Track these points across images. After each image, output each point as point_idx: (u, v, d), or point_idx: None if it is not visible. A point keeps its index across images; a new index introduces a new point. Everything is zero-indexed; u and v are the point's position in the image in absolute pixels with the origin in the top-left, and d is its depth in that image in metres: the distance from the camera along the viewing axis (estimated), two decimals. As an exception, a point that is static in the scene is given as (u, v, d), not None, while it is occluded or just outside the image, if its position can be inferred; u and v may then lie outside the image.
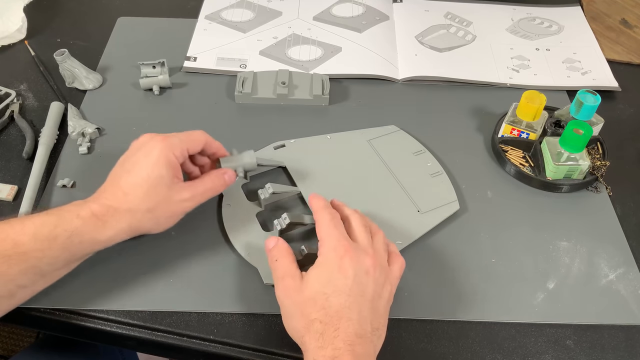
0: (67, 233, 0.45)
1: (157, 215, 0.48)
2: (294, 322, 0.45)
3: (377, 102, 0.71)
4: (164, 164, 0.48)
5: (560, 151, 0.59)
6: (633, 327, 0.52)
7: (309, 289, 0.44)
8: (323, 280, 0.44)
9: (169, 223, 0.51)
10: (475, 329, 0.51)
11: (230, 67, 0.74)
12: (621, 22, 0.86)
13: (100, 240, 0.46)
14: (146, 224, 0.48)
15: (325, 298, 0.43)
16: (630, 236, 0.58)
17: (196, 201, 0.51)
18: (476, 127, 0.69)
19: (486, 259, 0.55)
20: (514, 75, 0.75)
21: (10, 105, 0.68)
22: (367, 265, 0.45)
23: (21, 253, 0.43)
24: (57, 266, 0.46)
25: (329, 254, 0.45)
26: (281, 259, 0.47)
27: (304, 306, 0.44)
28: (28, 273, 0.44)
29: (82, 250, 0.46)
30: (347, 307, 0.43)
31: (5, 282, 0.43)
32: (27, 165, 0.61)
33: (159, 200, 0.48)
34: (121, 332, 0.50)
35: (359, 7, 0.85)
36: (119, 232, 0.47)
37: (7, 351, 1.08)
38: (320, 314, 0.43)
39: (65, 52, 0.68)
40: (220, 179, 0.53)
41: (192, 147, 0.51)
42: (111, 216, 0.46)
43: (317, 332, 0.42)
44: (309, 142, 0.64)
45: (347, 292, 0.43)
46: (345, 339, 0.41)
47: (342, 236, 0.46)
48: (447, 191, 0.60)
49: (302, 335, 0.43)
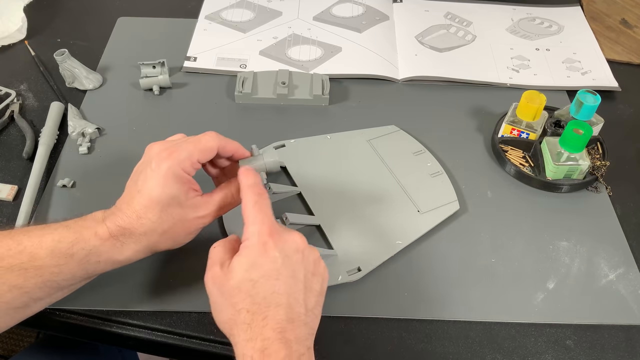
0: (85, 252, 0.44)
1: (172, 235, 0.46)
2: (222, 314, 0.42)
3: (377, 102, 0.71)
4: (174, 182, 0.45)
5: (560, 151, 0.59)
6: (633, 327, 0.52)
7: (234, 277, 0.41)
8: (247, 265, 0.41)
9: (187, 239, 0.48)
10: (475, 329, 0.51)
11: (230, 67, 0.74)
12: (621, 22, 0.86)
13: (118, 260, 0.45)
14: (164, 244, 0.47)
15: (251, 285, 0.40)
16: (630, 236, 0.58)
17: (213, 216, 0.48)
18: (476, 127, 0.69)
19: (486, 259, 0.55)
20: (514, 75, 0.75)
21: (10, 105, 0.68)
22: (297, 242, 0.43)
23: (37, 267, 0.42)
24: (74, 282, 0.45)
25: (253, 238, 0.42)
26: (219, 246, 0.44)
27: (230, 295, 0.41)
28: (44, 287, 0.43)
29: (99, 269, 0.45)
30: (275, 291, 0.40)
31: (21, 295, 0.43)
32: (27, 165, 0.61)
33: (175, 221, 0.46)
34: (121, 332, 0.50)
35: (359, 7, 0.85)
36: (136, 253, 0.46)
37: (7, 351, 1.08)
38: (246, 303, 0.40)
39: (65, 52, 0.68)
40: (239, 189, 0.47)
41: (203, 157, 0.47)
42: (128, 238, 0.45)
43: (245, 323, 0.40)
44: (309, 142, 0.64)
45: (276, 275, 0.41)
46: (274, 327, 0.39)
47: (267, 218, 0.43)
48: (447, 191, 0.60)
49: (231, 328, 0.41)
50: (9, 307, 0.43)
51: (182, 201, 0.45)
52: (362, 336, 0.50)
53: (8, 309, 0.43)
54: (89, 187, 0.59)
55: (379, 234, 0.56)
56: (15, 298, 0.42)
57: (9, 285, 0.42)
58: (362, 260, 0.53)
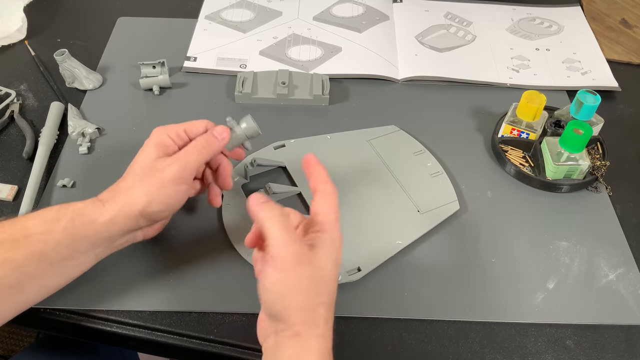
0: (70, 214, 0.45)
1: (150, 189, 0.47)
2: (297, 298, 0.39)
3: (377, 102, 0.71)
4: (153, 145, 0.49)
5: (560, 151, 0.59)
6: (633, 327, 0.52)
7: (322, 265, 0.40)
8: (334, 261, 0.41)
9: (163, 198, 0.48)
10: (475, 329, 0.51)
11: (230, 67, 0.74)
12: (621, 22, 0.86)
13: (101, 221, 0.46)
14: (141, 199, 0.47)
15: (334, 282, 0.41)
16: (630, 236, 0.58)
17: (183, 162, 0.48)
18: (476, 127, 0.69)
19: (486, 259, 0.55)
20: (514, 75, 0.75)
21: (10, 105, 0.68)
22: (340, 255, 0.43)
23: (27, 236, 0.44)
24: (62, 253, 0.45)
25: (334, 231, 0.42)
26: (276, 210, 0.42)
27: (314, 284, 0.39)
28: (33, 259, 0.44)
29: (83, 233, 0.46)
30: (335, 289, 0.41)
31: (12, 269, 0.43)
32: (27, 165, 0.61)
33: (148, 173, 0.48)
34: (121, 332, 0.50)
35: (359, 7, 0.85)
36: (118, 213, 0.46)
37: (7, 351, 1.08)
38: (327, 299, 0.40)
39: (65, 52, 0.68)
40: (209, 135, 0.50)
41: (190, 129, 0.51)
42: (110, 197, 0.47)
43: (322, 318, 0.39)
44: (309, 142, 0.64)
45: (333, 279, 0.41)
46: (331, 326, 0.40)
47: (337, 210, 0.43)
48: (447, 191, 0.60)
49: (303, 316, 0.39)
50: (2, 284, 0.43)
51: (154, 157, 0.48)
52: (362, 336, 0.50)
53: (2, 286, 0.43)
54: (89, 187, 0.59)
55: (379, 234, 0.56)
56: (7, 273, 0.43)
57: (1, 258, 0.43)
58: (362, 260, 0.53)
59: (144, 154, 0.49)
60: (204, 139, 0.50)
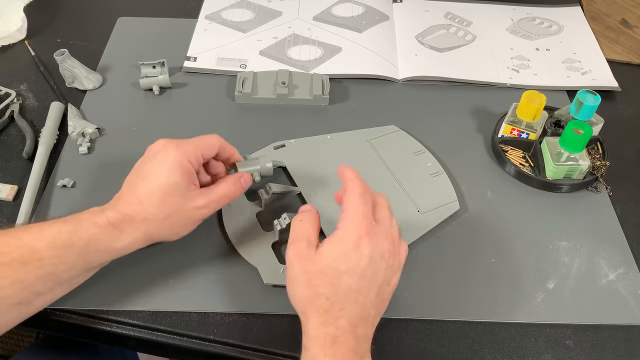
0: (84, 241, 0.44)
1: (172, 223, 0.48)
2: (298, 289, 0.43)
3: (377, 102, 0.71)
4: (179, 171, 0.47)
5: (560, 151, 0.59)
6: (633, 327, 0.52)
7: (322, 261, 0.42)
8: (338, 255, 0.42)
9: (185, 231, 0.50)
10: (475, 329, 0.51)
11: (230, 67, 0.74)
12: (621, 22, 0.86)
13: (117, 248, 0.46)
14: (162, 232, 0.48)
15: (336, 275, 0.42)
16: (630, 236, 0.58)
17: (212, 208, 0.49)
18: (476, 127, 0.69)
19: (486, 259, 0.55)
20: (514, 75, 0.75)
21: (10, 105, 0.68)
22: (384, 249, 0.43)
23: (37, 259, 0.43)
24: (74, 274, 0.46)
25: (350, 228, 0.43)
26: (306, 222, 0.46)
27: (313, 277, 0.42)
28: (45, 280, 0.44)
29: (98, 258, 0.46)
30: (356, 289, 0.42)
31: (22, 289, 0.43)
32: (27, 165, 0.61)
33: (175, 209, 0.47)
34: (121, 332, 0.50)
35: (359, 7, 0.85)
36: (135, 241, 0.47)
37: (7, 351, 1.09)
38: (328, 290, 0.42)
39: (65, 52, 0.68)
40: (236, 183, 0.51)
41: (207, 152, 0.50)
42: (127, 224, 0.46)
43: (322, 308, 0.41)
44: (309, 142, 0.64)
45: (360, 273, 0.42)
46: (349, 320, 0.41)
47: (368, 213, 0.44)
48: (447, 191, 0.60)
49: (305, 306, 0.42)
50: (11, 302, 0.43)
51: (183, 190, 0.47)
52: (362, 336, 0.50)
53: (10, 305, 0.43)
54: (89, 187, 0.59)
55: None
56: (17, 293, 0.43)
57: (10, 279, 0.42)
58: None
59: (168, 177, 0.47)
60: (233, 187, 0.51)
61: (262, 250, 0.54)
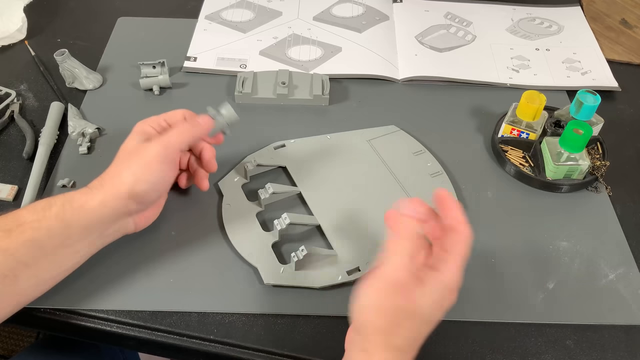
0: (60, 201, 0.47)
1: (134, 169, 0.49)
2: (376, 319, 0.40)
3: (377, 102, 0.71)
4: (135, 133, 0.52)
5: (560, 151, 0.59)
6: (633, 327, 0.52)
7: (423, 307, 0.40)
8: (437, 304, 0.40)
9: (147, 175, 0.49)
10: (475, 329, 0.51)
11: (230, 67, 0.74)
12: (621, 22, 0.86)
13: (91, 205, 0.47)
14: (127, 179, 0.48)
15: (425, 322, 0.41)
16: (630, 236, 0.58)
17: (165, 142, 0.50)
18: (476, 127, 0.69)
19: (486, 259, 0.55)
20: (514, 75, 0.75)
21: (11, 105, 0.68)
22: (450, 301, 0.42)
23: (19, 225, 0.45)
24: (55, 241, 0.46)
25: (450, 274, 0.40)
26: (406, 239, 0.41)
27: (401, 316, 0.39)
28: (27, 246, 0.45)
29: (75, 218, 0.47)
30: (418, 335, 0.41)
31: (6, 258, 0.44)
32: (27, 165, 0.61)
33: (132, 156, 0.50)
34: (121, 332, 0.50)
35: (359, 7, 0.85)
36: (106, 196, 0.48)
37: (7, 351, 1.08)
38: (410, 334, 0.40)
39: (65, 52, 0.68)
40: (192, 121, 0.53)
41: (170, 118, 0.53)
42: (98, 184, 0.49)
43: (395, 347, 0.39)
44: (309, 142, 0.64)
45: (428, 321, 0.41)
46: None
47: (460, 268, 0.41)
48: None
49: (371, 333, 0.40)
50: None
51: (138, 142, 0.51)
52: (362, 336, 0.50)
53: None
54: (89, 187, 0.59)
55: (379, 234, 0.56)
56: (1, 263, 0.43)
57: None
58: (362, 260, 0.53)
59: (127, 142, 0.51)
60: (187, 123, 0.53)
61: (262, 250, 0.54)
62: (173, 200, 0.58)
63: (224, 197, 0.58)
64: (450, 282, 0.41)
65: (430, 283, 0.40)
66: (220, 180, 0.60)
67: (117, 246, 0.54)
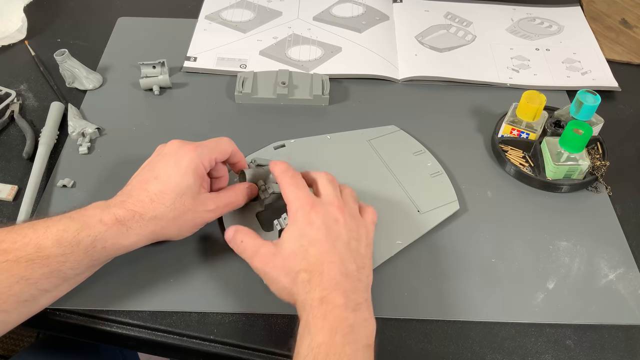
0: (90, 239, 0.45)
1: (180, 223, 0.49)
2: (280, 283, 0.46)
3: (377, 102, 0.71)
4: (193, 174, 0.48)
5: (560, 151, 0.59)
6: (633, 327, 0.52)
7: (286, 248, 0.46)
8: (296, 235, 0.46)
9: (190, 232, 0.51)
10: (475, 329, 0.51)
11: (230, 67, 0.74)
12: (621, 22, 0.86)
13: (124, 245, 0.47)
14: (169, 232, 0.49)
15: (304, 250, 0.45)
16: (630, 236, 0.58)
17: (219, 212, 0.52)
18: (476, 127, 0.69)
19: (486, 259, 0.55)
20: (514, 75, 0.75)
21: (11, 105, 0.68)
22: (335, 214, 0.47)
23: (44, 257, 0.43)
24: (80, 271, 0.46)
25: (297, 213, 0.47)
26: (246, 238, 0.48)
27: (286, 263, 0.45)
28: (51, 277, 0.44)
29: (104, 255, 0.46)
30: (326, 251, 0.45)
31: (29, 286, 0.43)
32: (27, 165, 0.61)
33: (185, 209, 0.48)
34: (121, 332, 0.50)
35: (359, 7, 0.85)
36: (142, 239, 0.47)
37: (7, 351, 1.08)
38: (303, 264, 0.45)
39: (65, 52, 0.68)
40: (245, 192, 0.53)
41: (220, 157, 0.52)
42: (136, 222, 0.46)
43: (304, 281, 0.44)
44: (309, 142, 0.64)
45: (323, 239, 0.45)
46: (331, 279, 0.43)
47: (305, 194, 0.48)
48: (447, 191, 0.60)
49: (291, 289, 0.45)
50: (17, 299, 0.43)
51: (195, 193, 0.49)
52: (362, 336, 0.50)
53: (17, 302, 0.43)
54: (89, 187, 0.59)
55: (379, 234, 0.56)
56: (23, 290, 0.43)
57: (17, 277, 0.42)
58: (362, 260, 0.53)
59: (183, 179, 0.48)
60: (241, 195, 0.53)
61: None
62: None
63: (224, 197, 0.58)
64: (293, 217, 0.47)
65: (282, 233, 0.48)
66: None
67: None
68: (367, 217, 0.51)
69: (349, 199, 0.50)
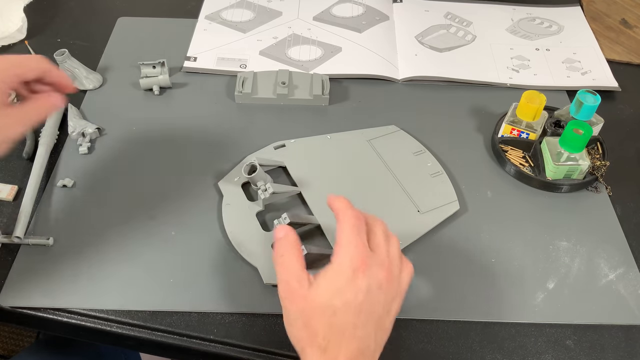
0: None
1: None
2: (295, 330, 0.42)
3: (377, 102, 0.71)
4: None
5: (560, 151, 0.59)
6: (633, 327, 0.52)
7: (317, 299, 0.41)
8: (333, 291, 0.41)
9: None
10: (475, 329, 0.51)
11: (230, 67, 0.74)
12: (621, 22, 0.86)
13: None
14: None
15: (332, 312, 0.41)
16: (630, 236, 0.58)
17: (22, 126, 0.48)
18: (476, 127, 0.69)
19: (486, 259, 0.55)
20: (514, 75, 0.75)
21: (10, 105, 0.68)
22: (381, 279, 0.42)
23: None
24: None
25: (344, 261, 0.42)
26: (288, 255, 0.43)
27: (309, 316, 0.41)
28: None
29: None
30: (353, 324, 0.41)
31: None
32: (27, 165, 0.61)
33: None
34: (121, 332, 0.50)
35: (359, 7, 0.85)
36: None
37: (7, 351, 1.08)
38: (324, 329, 0.41)
39: (65, 52, 0.68)
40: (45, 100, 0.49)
41: (24, 73, 0.48)
42: None
43: (320, 348, 0.40)
44: (309, 142, 0.65)
45: (357, 308, 0.41)
46: (347, 356, 0.40)
47: (362, 244, 0.43)
48: (447, 191, 0.60)
49: (303, 347, 0.42)
50: None
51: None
52: (362, 336, 0.50)
53: None
54: (89, 187, 0.59)
55: (379, 234, 0.56)
56: None
57: None
58: (362, 260, 0.53)
59: None
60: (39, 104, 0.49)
61: (262, 250, 0.54)
62: (173, 200, 0.58)
63: (224, 197, 0.58)
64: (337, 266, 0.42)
65: (320, 275, 0.42)
66: (220, 180, 0.60)
67: (117, 246, 0.54)
68: (404, 278, 0.45)
69: (395, 256, 0.45)
